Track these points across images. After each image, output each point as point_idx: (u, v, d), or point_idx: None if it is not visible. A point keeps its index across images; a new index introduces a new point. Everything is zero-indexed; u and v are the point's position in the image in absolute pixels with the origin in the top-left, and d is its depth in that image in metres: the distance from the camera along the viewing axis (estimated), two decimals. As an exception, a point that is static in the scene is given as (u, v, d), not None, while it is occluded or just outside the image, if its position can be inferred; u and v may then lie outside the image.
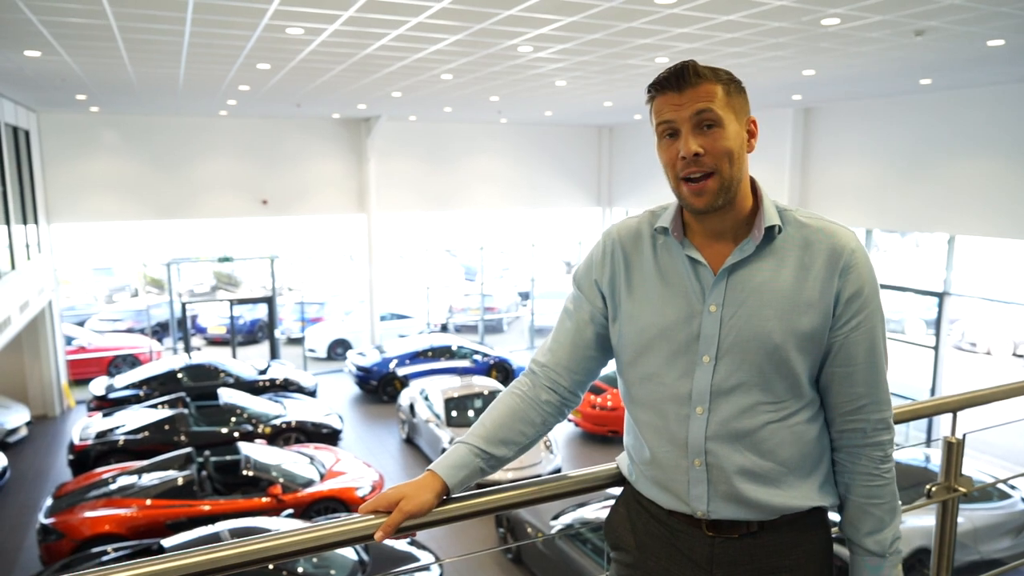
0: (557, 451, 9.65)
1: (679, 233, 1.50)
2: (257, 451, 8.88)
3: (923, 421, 10.74)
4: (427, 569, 6.88)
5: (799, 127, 12.02)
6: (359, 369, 13.63)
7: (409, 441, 11.38)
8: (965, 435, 2.12)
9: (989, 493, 7.22)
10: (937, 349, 10.67)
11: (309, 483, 8.46)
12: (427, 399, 10.97)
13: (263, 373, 12.58)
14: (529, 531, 7.48)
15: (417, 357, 13.66)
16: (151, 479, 8.12)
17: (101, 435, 9.69)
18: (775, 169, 12.09)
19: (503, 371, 13.93)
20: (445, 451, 1.58)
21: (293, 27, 5.85)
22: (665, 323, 1.49)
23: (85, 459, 9.39)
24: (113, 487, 8.05)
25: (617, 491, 1.70)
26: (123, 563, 1.31)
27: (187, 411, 10.18)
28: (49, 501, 8.00)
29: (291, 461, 8.91)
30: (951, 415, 2.19)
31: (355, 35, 6.18)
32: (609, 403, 11.09)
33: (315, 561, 6.53)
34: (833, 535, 1.57)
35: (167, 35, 6.11)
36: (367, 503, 1.49)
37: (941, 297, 10.63)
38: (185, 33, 6.03)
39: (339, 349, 16.52)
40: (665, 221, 1.52)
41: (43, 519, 7.62)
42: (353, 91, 9.84)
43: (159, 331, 16.78)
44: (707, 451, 1.46)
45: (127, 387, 11.63)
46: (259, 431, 10.16)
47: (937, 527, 2.14)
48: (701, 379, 1.46)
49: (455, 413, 10.39)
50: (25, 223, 10.87)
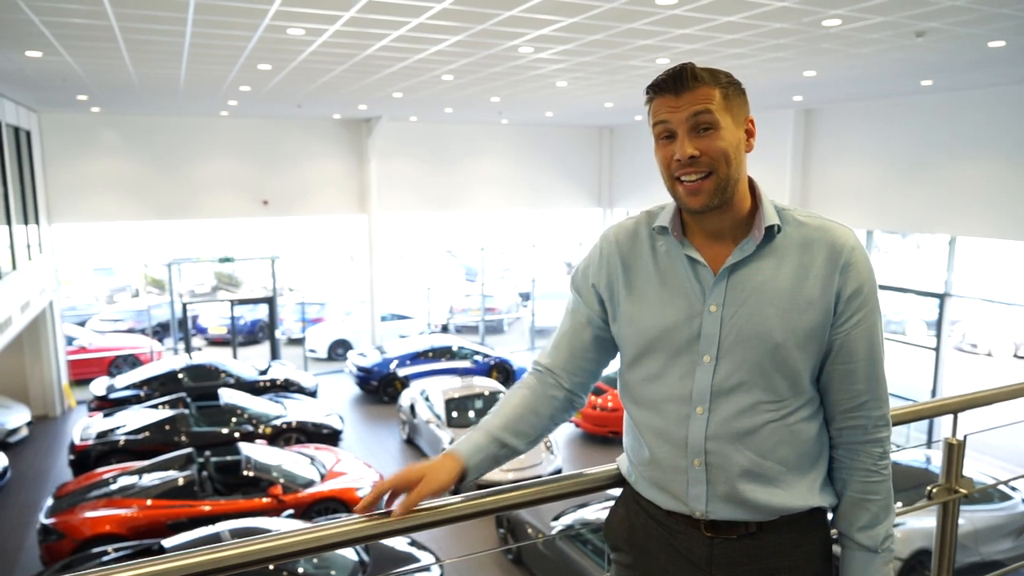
0: (558, 452, 9.65)
1: (678, 233, 1.50)
2: (258, 451, 8.89)
3: (924, 422, 10.74)
4: (427, 570, 6.88)
5: (800, 128, 12.02)
6: (360, 369, 13.63)
7: (410, 442, 11.37)
8: (966, 436, 2.12)
9: (990, 494, 7.22)
10: (938, 350, 10.66)
11: (309, 483, 8.46)
12: (428, 400, 10.97)
13: (264, 373, 12.58)
14: (530, 532, 7.47)
15: (418, 358, 13.66)
16: (152, 479, 8.13)
17: (102, 435, 9.69)
18: (776, 170, 12.09)
19: (504, 372, 13.92)
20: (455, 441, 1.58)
21: (294, 28, 5.86)
22: (665, 324, 1.49)
23: (86, 459, 9.40)
24: (114, 487, 8.05)
25: (617, 492, 1.70)
26: (124, 563, 1.31)
27: (188, 411, 10.18)
28: (50, 501, 8.00)
29: (292, 461, 8.91)
30: (952, 416, 2.19)
31: (356, 36, 6.19)
32: (610, 404, 11.09)
33: (315, 561, 6.52)
34: (833, 536, 1.57)
35: (168, 35, 6.12)
36: (387, 480, 1.49)
37: (942, 298, 10.62)
38: (186, 34, 6.03)
39: (340, 349, 16.52)
40: (664, 220, 1.52)
41: (44, 519, 7.62)
42: (354, 92, 9.85)
43: (160, 331, 16.79)
44: (707, 451, 1.47)
45: (128, 387, 11.63)
46: (260, 431, 10.16)
47: (938, 528, 2.14)
48: (702, 379, 1.46)
49: (456, 414, 10.39)
50: (26, 223, 10.87)
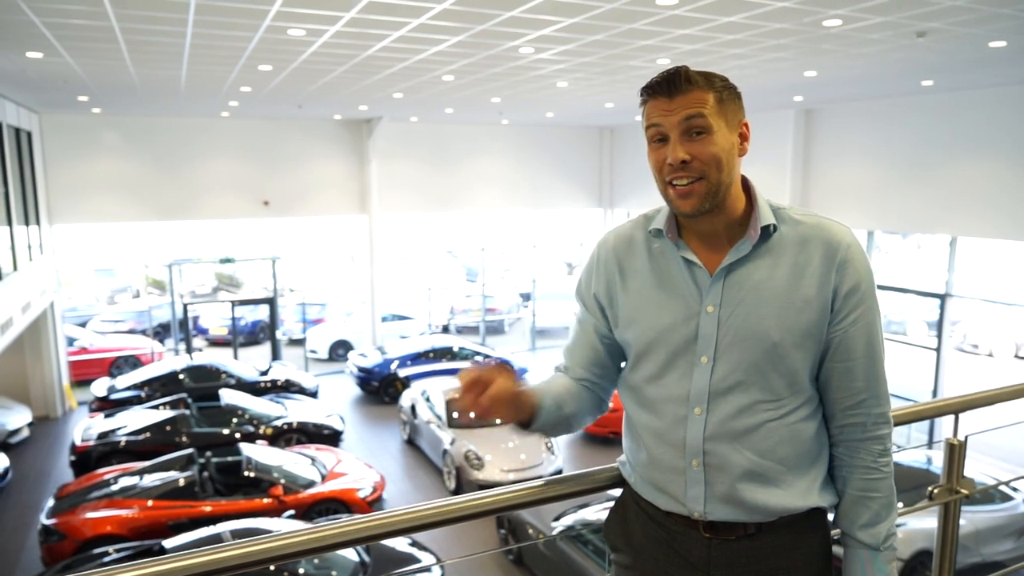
0: (558, 452, 9.66)
1: (673, 235, 1.50)
2: (258, 452, 8.89)
3: (925, 423, 10.72)
4: (428, 570, 6.88)
5: (800, 128, 12.01)
6: (360, 370, 13.62)
7: (410, 442, 11.37)
8: (967, 437, 2.12)
9: (991, 495, 7.22)
10: (939, 351, 10.65)
11: (310, 484, 8.46)
12: (428, 400, 10.97)
13: (264, 374, 12.58)
14: (530, 532, 7.47)
15: (418, 358, 13.65)
16: (153, 480, 8.13)
17: (103, 436, 9.69)
18: (776, 170, 12.08)
19: (504, 372, 13.89)
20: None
21: (295, 28, 5.86)
22: (662, 326, 1.50)
23: (87, 460, 9.39)
24: (115, 488, 8.05)
25: (618, 493, 1.71)
26: (125, 564, 1.31)
27: (188, 412, 10.18)
28: (51, 502, 8.00)
29: (292, 462, 8.91)
30: (953, 417, 2.19)
31: (357, 36, 6.19)
32: (610, 404, 11.07)
33: (316, 562, 6.52)
34: (835, 536, 1.57)
35: (169, 36, 6.12)
36: (467, 372, 1.47)
37: (943, 299, 10.61)
38: (187, 35, 6.04)
39: (340, 350, 16.51)
40: (659, 223, 1.52)
41: (45, 520, 7.62)
42: (354, 92, 9.85)
43: (160, 332, 16.80)
44: (705, 452, 1.46)
45: (129, 388, 11.63)
46: (260, 432, 10.16)
47: (939, 529, 2.13)
48: (699, 380, 1.46)
49: (456, 414, 10.39)
50: (27, 224, 10.88)
